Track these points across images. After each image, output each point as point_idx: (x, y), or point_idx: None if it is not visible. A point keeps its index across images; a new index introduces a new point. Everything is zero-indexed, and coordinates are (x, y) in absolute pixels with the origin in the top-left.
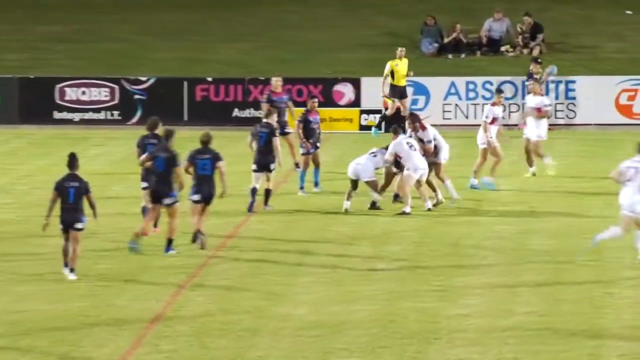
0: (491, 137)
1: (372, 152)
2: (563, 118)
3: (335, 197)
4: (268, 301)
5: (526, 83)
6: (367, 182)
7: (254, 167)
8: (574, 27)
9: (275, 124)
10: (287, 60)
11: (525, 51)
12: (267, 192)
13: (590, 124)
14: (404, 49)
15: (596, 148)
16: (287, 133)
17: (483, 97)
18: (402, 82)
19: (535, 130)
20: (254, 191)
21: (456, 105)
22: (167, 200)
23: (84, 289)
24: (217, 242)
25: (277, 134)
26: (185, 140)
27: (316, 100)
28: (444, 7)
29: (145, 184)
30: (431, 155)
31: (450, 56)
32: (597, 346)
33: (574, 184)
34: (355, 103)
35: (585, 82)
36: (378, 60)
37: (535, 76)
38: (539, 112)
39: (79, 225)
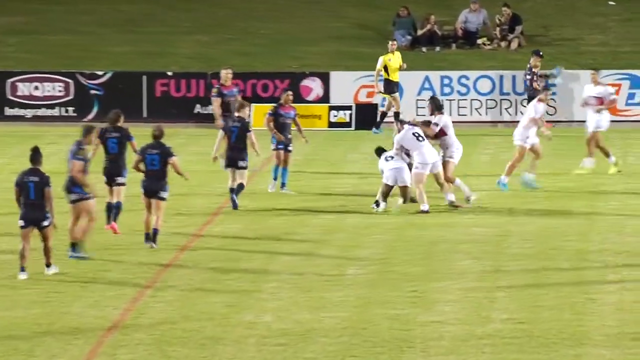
0: (543, 132)
1: (387, 157)
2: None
3: (304, 196)
4: (232, 307)
5: (527, 77)
6: (402, 187)
7: (225, 162)
8: (554, 18)
9: (248, 118)
10: (252, 54)
11: (503, 44)
12: (240, 187)
13: (572, 121)
14: (395, 42)
15: (577, 146)
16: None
17: (459, 92)
18: (396, 77)
19: (596, 121)
20: (232, 191)
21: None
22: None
23: (37, 295)
24: (179, 243)
25: (251, 129)
26: (144, 138)
27: (291, 93)
28: None
29: (106, 179)
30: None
31: (424, 49)
32: (578, 355)
33: (554, 184)
34: (324, 99)
35: (567, 76)
36: (347, 53)
37: (534, 70)
38: (601, 103)
39: (44, 223)
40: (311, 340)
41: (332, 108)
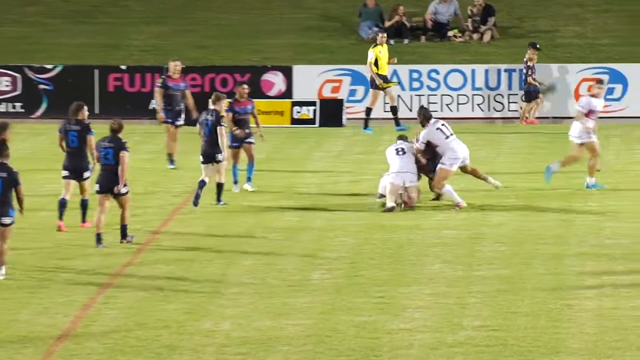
0: (589, 131)
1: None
2: (516, 110)
3: (266, 196)
4: (189, 315)
5: (524, 71)
6: (408, 188)
7: (201, 158)
8: (529, 9)
9: (222, 111)
10: (210, 46)
11: (475, 36)
12: (219, 187)
13: (547, 117)
14: (385, 34)
15: (552, 144)
16: (180, 125)
17: (428, 87)
18: (386, 70)
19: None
20: (202, 184)
21: (399, 96)
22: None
23: None
24: (134, 245)
25: (223, 123)
26: (98, 136)
27: (245, 86)
28: None
29: (66, 173)
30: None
31: (391, 42)
32: None
33: (527, 184)
34: (287, 94)
35: (542, 70)
36: (311, 46)
37: (529, 63)
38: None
39: (6, 220)
40: (273, 349)
41: (295, 104)
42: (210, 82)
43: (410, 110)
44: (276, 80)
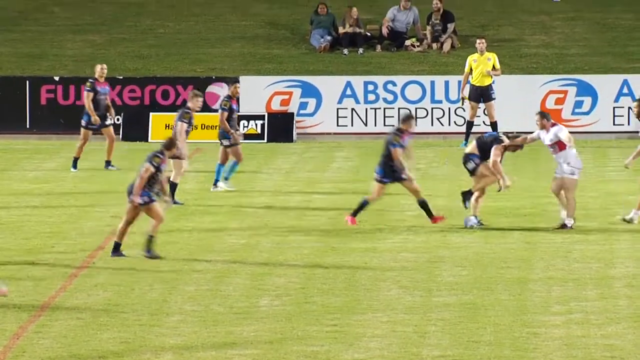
0: None
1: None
2: (479, 125)
3: (211, 217)
4: (127, 345)
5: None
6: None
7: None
8: (492, 16)
9: (198, 108)
10: (149, 56)
11: (434, 46)
12: (172, 186)
13: (512, 132)
14: (482, 40)
15: (517, 160)
16: (108, 125)
17: (385, 100)
18: (483, 81)
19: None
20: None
21: (353, 109)
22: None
23: None
24: (67, 270)
25: (185, 120)
26: (29, 153)
27: (239, 85)
28: None
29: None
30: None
31: (345, 51)
32: None
33: (488, 203)
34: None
35: (506, 82)
36: (258, 55)
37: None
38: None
39: None
40: None
41: (241, 118)
42: (150, 94)
43: (365, 124)
44: (221, 92)
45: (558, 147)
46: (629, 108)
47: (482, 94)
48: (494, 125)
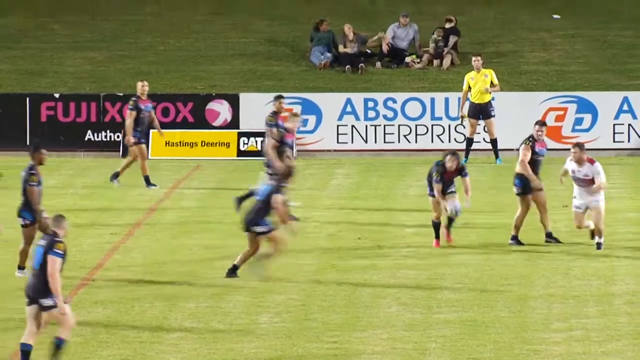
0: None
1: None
2: (479, 142)
3: (211, 234)
4: None
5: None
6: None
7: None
8: (491, 33)
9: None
10: (149, 73)
11: (434, 62)
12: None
13: (512, 149)
14: (478, 57)
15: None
16: (144, 143)
17: (384, 117)
18: (481, 98)
19: None
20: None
21: (353, 126)
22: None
23: None
24: (69, 286)
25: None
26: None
27: (283, 100)
28: (338, 10)
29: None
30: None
31: (346, 68)
32: None
33: (488, 220)
34: (233, 124)
35: (505, 98)
36: (258, 72)
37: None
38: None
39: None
40: None
41: (241, 135)
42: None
43: (366, 141)
44: (221, 110)
45: (589, 182)
46: (629, 125)
47: (481, 111)
48: (494, 142)
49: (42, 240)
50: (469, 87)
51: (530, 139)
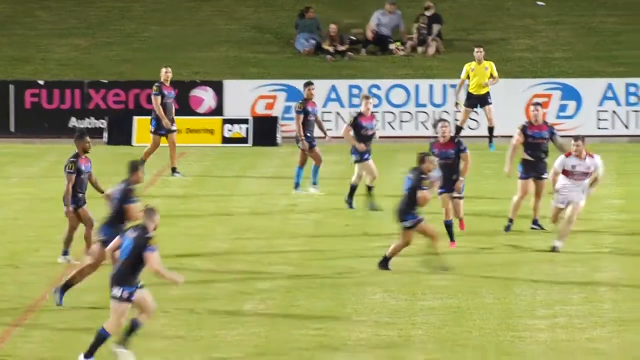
0: None
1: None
2: (464, 129)
3: (196, 221)
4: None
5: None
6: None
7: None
8: (476, 19)
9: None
10: (134, 60)
11: (419, 49)
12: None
13: (496, 136)
14: (479, 49)
15: (500, 164)
16: (173, 131)
17: None
18: (481, 90)
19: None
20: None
21: (337, 113)
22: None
23: None
24: (52, 274)
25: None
26: (13, 157)
27: (313, 86)
28: None
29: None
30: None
31: (329, 55)
32: None
33: (473, 207)
34: (217, 111)
35: (491, 86)
36: (243, 59)
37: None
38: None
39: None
40: None
41: (226, 121)
42: (135, 98)
43: None
44: (206, 96)
45: (586, 177)
46: (614, 112)
47: (479, 100)
48: (491, 129)
49: (131, 231)
50: (468, 77)
51: (525, 123)
